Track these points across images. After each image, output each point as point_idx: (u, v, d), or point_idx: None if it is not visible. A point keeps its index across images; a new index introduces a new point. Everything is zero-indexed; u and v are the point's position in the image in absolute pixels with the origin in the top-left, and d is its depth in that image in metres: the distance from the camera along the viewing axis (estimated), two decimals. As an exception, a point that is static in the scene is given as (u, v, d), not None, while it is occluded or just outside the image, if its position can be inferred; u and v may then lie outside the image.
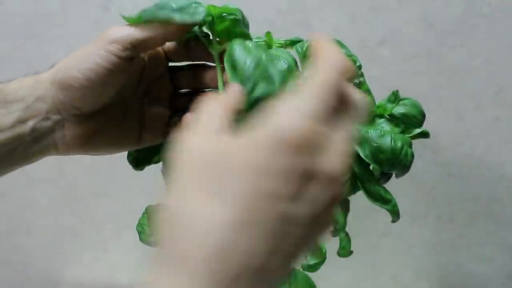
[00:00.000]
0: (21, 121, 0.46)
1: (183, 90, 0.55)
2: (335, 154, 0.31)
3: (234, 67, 0.45)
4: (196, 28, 0.50)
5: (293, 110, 0.30)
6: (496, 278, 1.01)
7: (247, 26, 0.52)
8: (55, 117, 0.47)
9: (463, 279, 1.02)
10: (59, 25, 0.90)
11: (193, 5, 0.46)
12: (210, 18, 0.47)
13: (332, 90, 0.32)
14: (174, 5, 0.46)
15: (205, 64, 0.52)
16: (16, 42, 0.91)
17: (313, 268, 0.54)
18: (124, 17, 0.48)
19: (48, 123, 0.47)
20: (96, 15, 0.90)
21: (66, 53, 0.93)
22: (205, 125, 0.33)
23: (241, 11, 0.51)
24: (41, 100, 0.46)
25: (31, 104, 0.46)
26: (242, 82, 0.43)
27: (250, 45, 0.47)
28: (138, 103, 0.52)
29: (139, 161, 0.57)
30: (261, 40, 0.56)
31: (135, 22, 0.47)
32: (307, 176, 0.30)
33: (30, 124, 0.46)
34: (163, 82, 0.53)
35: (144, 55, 0.51)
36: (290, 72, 0.48)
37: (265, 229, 0.29)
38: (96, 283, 1.10)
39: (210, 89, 0.52)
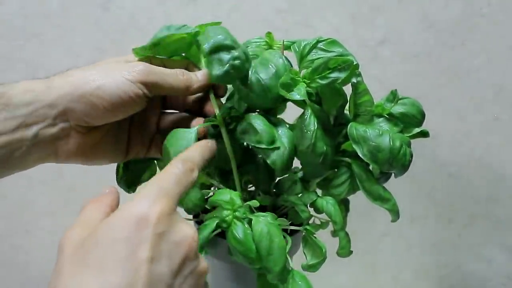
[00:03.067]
0: (25, 125, 0.45)
1: (169, 111, 0.56)
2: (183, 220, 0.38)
3: (205, 33, 0.50)
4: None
5: (141, 197, 0.37)
6: (496, 278, 1.01)
7: None
8: (62, 124, 0.47)
9: (463, 279, 1.02)
10: (59, 25, 0.90)
11: (179, 25, 0.51)
12: (195, 39, 0.51)
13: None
14: (165, 29, 0.51)
15: None
16: (16, 42, 0.91)
17: (313, 267, 0.54)
18: (134, 50, 0.50)
19: (53, 130, 0.46)
20: (96, 15, 0.90)
21: (66, 53, 0.93)
22: (81, 218, 0.38)
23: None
24: (50, 106, 0.45)
25: (39, 109, 0.45)
26: (207, 34, 0.50)
27: None
28: (129, 119, 0.53)
29: (129, 183, 0.59)
30: (261, 40, 0.56)
31: (143, 55, 0.50)
32: (160, 238, 0.35)
33: (34, 129, 0.45)
34: (155, 101, 0.54)
35: None
36: (278, 77, 0.49)
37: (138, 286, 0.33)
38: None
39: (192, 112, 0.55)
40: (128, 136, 0.53)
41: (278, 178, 0.57)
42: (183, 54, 0.54)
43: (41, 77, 0.47)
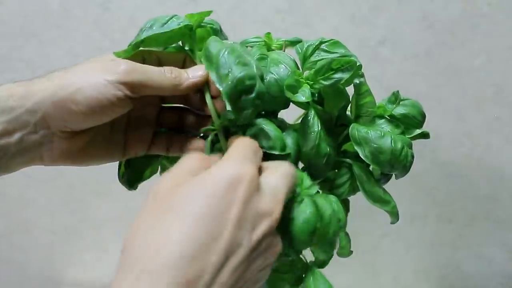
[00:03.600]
0: (7, 133, 0.44)
1: (169, 105, 0.54)
2: (269, 192, 0.38)
3: (209, 58, 0.46)
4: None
5: (231, 159, 0.38)
6: (496, 278, 1.01)
7: (225, 38, 0.53)
8: (43, 131, 0.45)
9: (463, 279, 1.02)
10: (59, 25, 0.90)
11: (166, 18, 0.49)
12: (187, 30, 0.49)
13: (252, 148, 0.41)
14: (148, 24, 0.49)
15: None
16: (16, 42, 0.91)
17: (323, 264, 0.53)
18: (116, 54, 0.48)
19: (35, 136, 0.45)
20: (96, 15, 0.90)
21: (66, 53, 0.93)
22: (178, 168, 0.39)
23: (218, 23, 0.53)
24: (31, 112, 0.44)
25: (20, 115, 0.43)
26: (217, 69, 0.44)
27: (225, 41, 0.48)
28: (125, 119, 0.51)
29: (131, 181, 0.58)
30: (260, 40, 0.55)
31: (125, 56, 0.48)
32: (249, 202, 0.36)
33: (17, 136, 0.44)
34: (151, 99, 0.52)
35: None
36: (292, 76, 0.48)
37: (215, 244, 0.33)
38: (96, 283, 1.10)
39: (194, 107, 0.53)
40: (124, 135, 0.51)
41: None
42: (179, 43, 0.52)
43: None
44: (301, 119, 0.51)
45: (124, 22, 0.90)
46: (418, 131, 0.55)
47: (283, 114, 0.55)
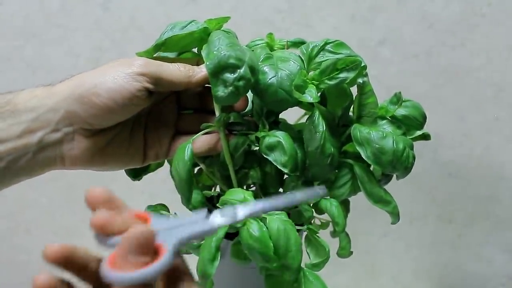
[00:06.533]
0: (29, 131, 0.45)
1: (188, 111, 0.56)
2: None
3: (208, 42, 0.48)
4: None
5: None
6: (496, 278, 1.01)
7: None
8: (66, 129, 0.46)
9: (463, 279, 1.02)
10: (59, 25, 0.90)
11: (186, 22, 0.50)
12: (206, 35, 0.50)
13: None
14: (169, 27, 0.50)
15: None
16: (16, 42, 0.91)
17: (317, 266, 0.54)
18: (138, 54, 0.50)
19: (57, 135, 0.46)
20: (96, 15, 0.89)
21: (66, 53, 0.93)
22: None
23: (234, 32, 0.54)
24: (52, 110, 0.45)
25: (42, 114, 0.45)
26: (209, 48, 0.47)
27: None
28: (143, 121, 0.53)
29: (136, 171, 0.58)
30: (262, 41, 0.56)
31: (147, 56, 0.50)
32: None
33: (39, 135, 0.45)
34: (169, 102, 0.54)
35: None
36: (300, 76, 0.48)
37: None
38: (96, 283, 1.10)
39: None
40: (143, 139, 0.53)
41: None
42: (195, 49, 0.54)
43: (41, 77, 0.48)
44: (306, 119, 0.51)
45: (124, 22, 0.90)
46: (419, 133, 0.55)
47: (284, 115, 0.55)
